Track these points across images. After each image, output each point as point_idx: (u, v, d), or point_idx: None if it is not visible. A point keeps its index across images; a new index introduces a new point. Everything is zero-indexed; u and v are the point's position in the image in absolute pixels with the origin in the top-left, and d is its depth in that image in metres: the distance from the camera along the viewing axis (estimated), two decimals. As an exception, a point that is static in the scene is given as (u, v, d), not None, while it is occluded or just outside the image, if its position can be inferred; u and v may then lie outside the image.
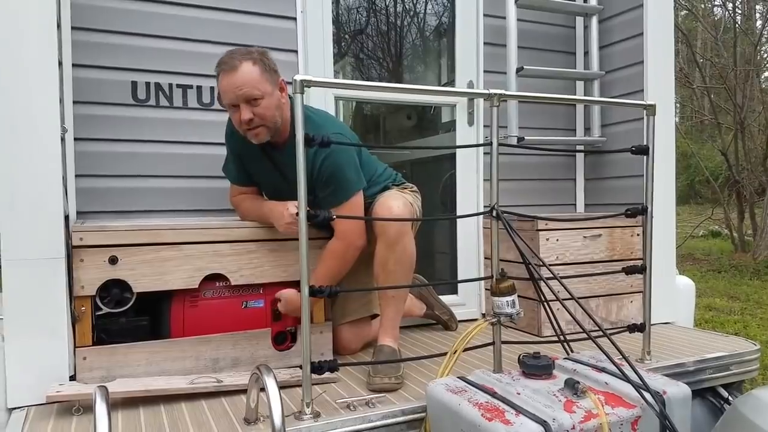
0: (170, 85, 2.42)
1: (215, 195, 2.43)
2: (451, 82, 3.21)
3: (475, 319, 2.98)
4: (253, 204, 2.21)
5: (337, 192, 2.07)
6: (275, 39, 2.56)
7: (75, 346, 1.87)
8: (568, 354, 1.96)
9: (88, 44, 2.29)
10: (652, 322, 2.18)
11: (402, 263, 2.10)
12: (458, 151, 3.03)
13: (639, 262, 2.20)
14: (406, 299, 2.28)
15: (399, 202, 2.11)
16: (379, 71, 3.60)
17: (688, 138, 13.12)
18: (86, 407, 1.72)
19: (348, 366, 2.09)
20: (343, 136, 2.08)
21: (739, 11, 12.51)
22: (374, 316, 2.39)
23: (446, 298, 2.86)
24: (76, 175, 2.24)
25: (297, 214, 1.74)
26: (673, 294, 2.91)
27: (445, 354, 1.83)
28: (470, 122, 3.02)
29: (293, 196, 1.69)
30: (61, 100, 1.90)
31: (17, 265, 1.79)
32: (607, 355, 1.65)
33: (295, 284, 2.09)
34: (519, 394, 1.51)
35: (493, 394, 1.52)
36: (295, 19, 2.62)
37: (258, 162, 2.21)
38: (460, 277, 3.02)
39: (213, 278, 2.04)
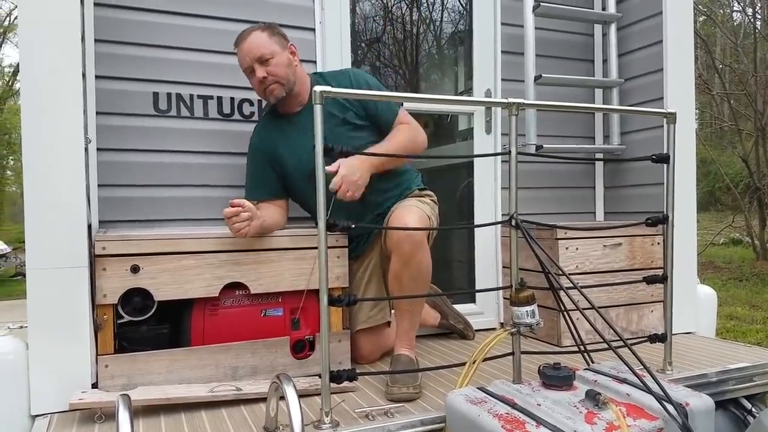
0: (191, 95, 2.45)
1: (235, 204, 2.45)
2: (468, 90, 3.21)
3: (493, 329, 2.97)
4: None
5: (386, 107, 2.23)
6: (294, 49, 2.59)
7: (97, 354, 1.89)
8: (588, 364, 1.94)
9: (111, 56, 2.33)
10: (673, 332, 2.16)
11: (417, 279, 2.08)
12: (476, 160, 3.02)
13: (659, 271, 2.18)
14: (422, 311, 2.27)
15: (414, 217, 2.07)
16: (395, 79, 3.61)
17: (707, 144, 12.97)
18: (108, 415, 1.74)
19: (366, 375, 2.09)
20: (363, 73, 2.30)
21: (759, 16, 12.38)
22: (390, 323, 2.39)
23: (464, 307, 2.85)
24: (99, 185, 2.27)
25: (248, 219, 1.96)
26: (695, 303, 2.87)
27: (463, 364, 1.82)
28: (488, 130, 3.02)
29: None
30: (85, 112, 1.93)
31: (41, 274, 1.82)
32: (628, 366, 1.64)
33: (314, 293, 2.09)
34: (539, 405, 1.50)
35: (514, 405, 1.51)
36: (313, 30, 2.65)
37: (284, 139, 2.27)
38: (477, 286, 3.01)
39: (232, 287, 2.06)
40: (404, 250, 2.04)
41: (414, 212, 2.10)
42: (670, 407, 1.46)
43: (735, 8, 13.57)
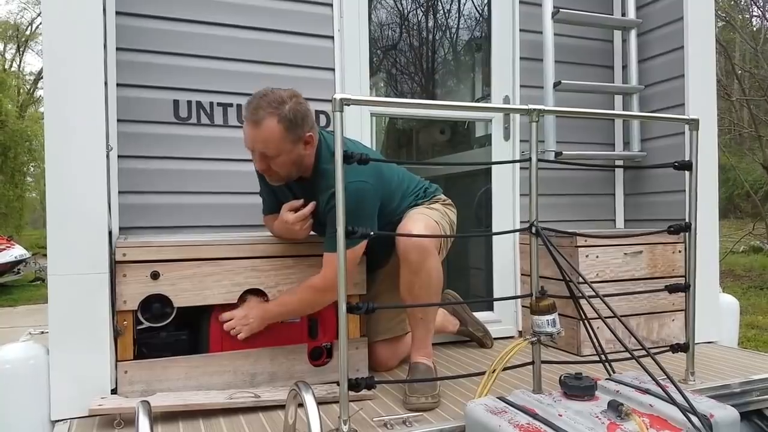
0: (211, 103, 2.47)
1: (254, 211, 2.44)
2: (485, 97, 3.20)
3: (511, 337, 2.94)
4: (275, 225, 2.17)
5: (330, 239, 1.95)
6: (313, 57, 2.60)
7: (117, 360, 1.90)
8: (609, 374, 1.91)
9: (132, 64, 2.35)
10: (695, 342, 2.13)
11: (427, 288, 2.04)
12: (494, 166, 3.00)
13: (681, 280, 2.15)
14: (436, 318, 2.25)
15: (420, 225, 2.02)
16: (411, 86, 3.62)
17: (726, 150, 12.78)
18: (127, 420, 1.75)
19: (384, 384, 2.08)
20: (366, 183, 1.94)
21: (780, 21, 12.21)
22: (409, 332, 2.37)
23: (482, 315, 2.83)
24: (120, 192, 2.28)
25: (310, 216, 1.98)
26: (717, 312, 2.83)
27: (482, 373, 1.81)
28: (506, 137, 3.01)
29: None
30: (106, 119, 1.95)
31: (62, 280, 1.84)
32: (652, 377, 1.61)
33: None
34: (561, 416, 1.48)
35: (534, 416, 1.49)
36: (332, 38, 2.66)
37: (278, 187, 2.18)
38: (495, 294, 2.98)
39: (251, 293, 2.06)
40: (412, 258, 2.00)
41: (419, 220, 2.06)
42: (694, 419, 1.43)
43: (755, 13, 13.41)
